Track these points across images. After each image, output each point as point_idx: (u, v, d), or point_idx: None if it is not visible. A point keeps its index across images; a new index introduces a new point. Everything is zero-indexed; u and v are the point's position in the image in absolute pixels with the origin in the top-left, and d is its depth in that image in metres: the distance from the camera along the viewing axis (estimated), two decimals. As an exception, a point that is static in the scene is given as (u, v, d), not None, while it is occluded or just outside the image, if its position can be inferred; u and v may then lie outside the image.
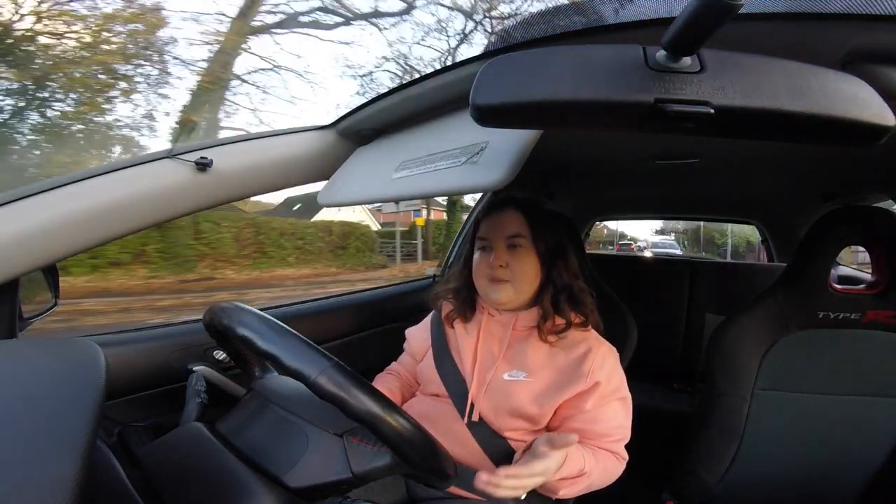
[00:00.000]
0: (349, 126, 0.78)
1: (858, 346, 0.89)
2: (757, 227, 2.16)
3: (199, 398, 0.73)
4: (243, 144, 0.72)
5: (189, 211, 0.68)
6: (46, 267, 0.65)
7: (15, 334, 0.62)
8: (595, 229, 2.94)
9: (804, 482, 0.96)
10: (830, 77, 0.34)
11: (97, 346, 0.45)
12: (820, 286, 0.88)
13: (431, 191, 0.55)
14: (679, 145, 0.95)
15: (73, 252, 0.60)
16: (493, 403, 0.75)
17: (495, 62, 0.35)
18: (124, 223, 0.63)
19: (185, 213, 0.68)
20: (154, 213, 0.65)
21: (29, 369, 0.41)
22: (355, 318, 1.24)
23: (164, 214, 0.66)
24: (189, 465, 0.56)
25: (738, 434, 0.94)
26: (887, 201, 1.31)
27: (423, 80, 0.63)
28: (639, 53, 0.33)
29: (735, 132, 0.35)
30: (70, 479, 0.32)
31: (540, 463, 0.61)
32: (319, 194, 0.79)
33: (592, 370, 0.73)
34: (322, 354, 0.51)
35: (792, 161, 1.06)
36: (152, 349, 0.87)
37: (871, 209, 0.88)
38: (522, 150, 0.46)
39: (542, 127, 0.44)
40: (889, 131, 0.33)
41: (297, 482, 0.53)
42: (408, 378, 0.93)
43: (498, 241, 0.79)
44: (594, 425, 0.72)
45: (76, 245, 0.60)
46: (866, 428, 0.91)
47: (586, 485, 0.68)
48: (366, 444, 0.54)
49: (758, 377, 0.92)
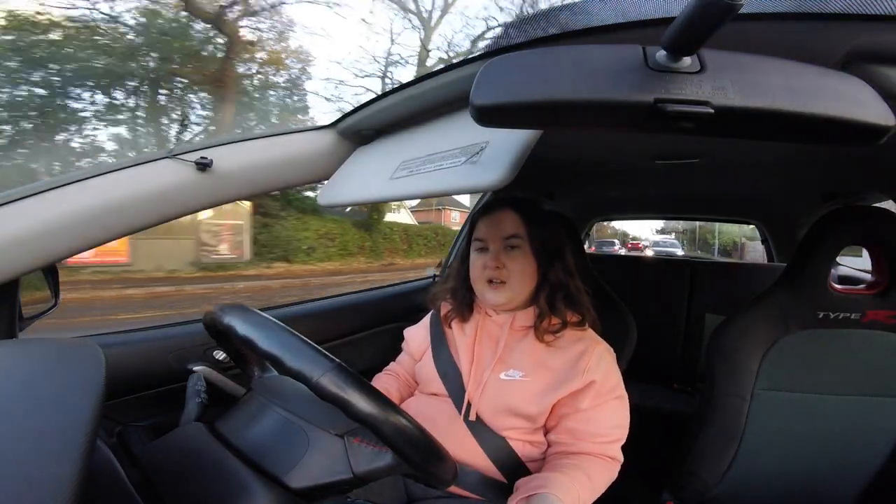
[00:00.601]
0: (349, 126, 0.78)
1: (858, 346, 0.89)
2: (757, 227, 2.16)
3: (199, 398, 0.73)
4: (243, 144, 0.72)
5: (189, 211, 0.68)
6: (46, 267, 0.65)
7: (15, 334, 0.62)
8: (599, 228, 2.95)
9: (804, 482, 0.96)
10: (830, 77, 0.34)
11: (97, 346, 0.45)
12: (820, 286, 0.88)
13: (431, 191, 0.55)
14: (679, 145, 0.95)
15: (73, 252, 0.60)
16: (489, 403, 0.75)
17: (495, 62, 0.35)
18: (124, 223, 0.63)
19: (185, 213, 0.68)
20: (154, 213, 0.65)
21: (29, 369, 0.41)
22: (355, 318, 1.24)
23: (165, 214, 0.66)
24: (189, 465, 0.56)
25: (738, 434, 0.94)
26: (887, 201, 1.31)
27: (423, 80, 0.63)
28: (639, 53, 0.33)
29: (735, 132, 0.35)
30: (70, 479, 0.32)
31: None
32: (319, 194, 0.79)
33: (588, 369, 0.73)
34: (324, 356, 0.51)
35: (792, 161, 1.06)
36: (152, 349, 0.87)
37: (871, 209, 0.87)
38: (522, 150, 0.46)
39: (542, 127, 0.44)
40: (889, 131, 0.33)
41: (298, 482, 0.53)
42: (406, 378, 0.93)
43: (495, 242, 0.79)
44: (590, 424, 0.72)
45: (76, 245, 0.60)
46: (866, 428, 0.91)
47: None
48: (367, 444, 0.54)
49: (758, 377, 0.92)
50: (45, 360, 0.42)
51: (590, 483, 0.68)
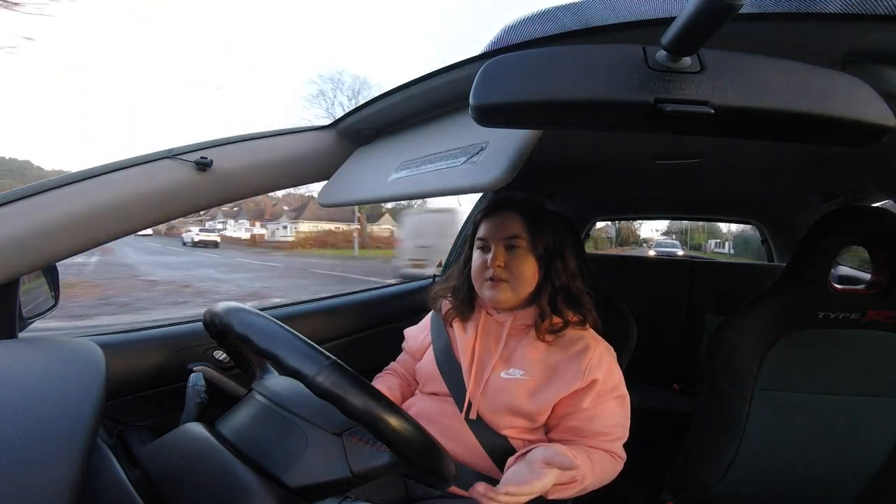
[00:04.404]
0: (349, 126, 0.78)
1: (858, 346, 0.89)
2: (757, 227, 2.16)
3: (199, 398, 0.73)
4: (243, 144, 0.73)
5: (189, 211, 0.68)
6: (46, 267, 0.65)
7: (15, 334, 0.62)
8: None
9: (804, 482, 0.96)
10: (830, 77, 0.34)
11: (97, 346, 0.45)
12: (820, 286, 0.88)
13: (431, 191, 0.55)
14: (679, 145, 0.95)
15: (73, 252, 0.60)
16: (490, 401, 0.75)
17: (495, 62, 0.35)
18: (124, 223, 0.63)
19: (185, 213, 0.68)
20: (154, 213, 0.65)
21: (29, 369, 0.41)
22: (355, 318, 1.24)
23: (165, 214, 0.66)
24: (189, 465, 0.56)
25: (738, 434, 0.94)
26: (887, 201, 1.31)
27: (423, 80, 0.63)
28: (639, 53, 0.33)
29: (735, 132, 0.35)
30: (70, 478, 0.32)
31: (538, 482, 0.61)
32: (319, 194, 0.79)
33: (590, 367, 0.73)
34: (321, 353, 0.51)
35: (792, 161, 1.06)
36: (152, 349, 0.87)
37: (871, 209, 0.87)
38: (522, 150, 0.46)
39: (542, 127, 0.44)
40: (889, 131, 0.33)
41: (296, 481, 0.53)
42: (407, 377, 0.93)
43: (496, 242, 0.79)
44: (592, 423, 0.72)
45: (76, 245, 0.60)
46: (866, 428, 0.91)
47: (579, 489, 0.68)
48: (365, 443, 0.55)
49: (758, 377, 0.92)
50: (46, 360, 0.42)
51: (590, 462, 0.69)
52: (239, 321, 0.55)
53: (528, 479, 0.62)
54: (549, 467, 0.63)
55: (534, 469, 0.63)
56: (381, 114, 0.73)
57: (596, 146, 1.00)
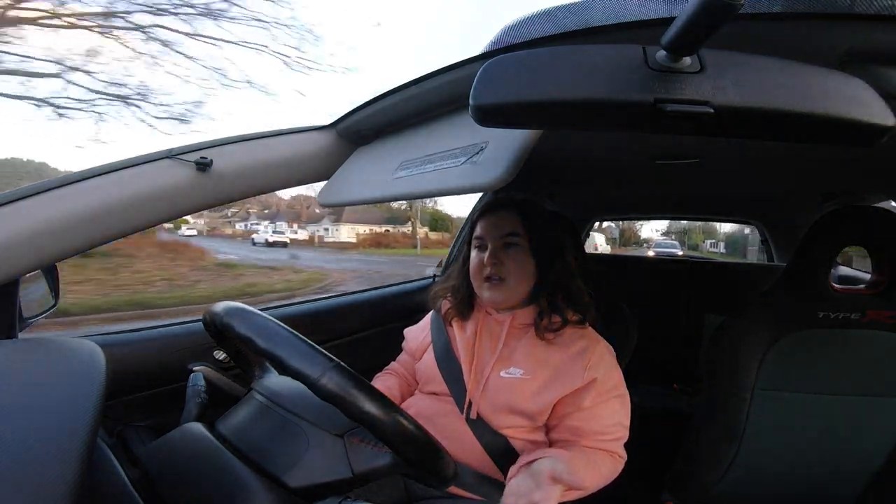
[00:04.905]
0: (349, 126, 0.78)
1: (859, 346, 0.89)
2: (757, 227, 2.16)
3: (199, 398, 0.73)
4: (243, 144, 0.72)
5: (189, 211, 0.68)
6: (46, 267, 0.65)
7: (15, 334, 0.62)
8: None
9: (804, 482, 0.96)
10: (830, 77, 0.34)
11: (97, 346, 0.45)
12: (820, 286, 0.88)
13: (431, 191, 0.55)
14: (679, 145, 0.95)
15: (73, 252, 0.60)
16: (490, 401, 0.75)
17: (495, 62, 0.35)
18: (124, 223, 0.63)
19: (185, 213, 0.68)
20: (154, 213, 0.65)
21: (29, 370, 0.41)
22: (355, 318, 1.24)
23: (164, 214, 0.66)
24: (189, 465, 0.56)
25: (738, 434, 0.94)
26: (887, 201, 1.31)
27: (423, 80, 0.63)
28: (639, 53, 0.33)
29: (735, 132, 0.35)
30: (70, 478, 0.32)
31: (544, 501, 0.59)
32: (319, 194, 0.79)
33: (590, 366, 0.73)
34: (324, 355, 0.51)
35: (792, 161, 1.06)
36: (152, 349, 0.87)
37: (871, 209, 0.87)
38: (522, 150, 0.46)
39: (542, 127, 0.44)
40: (889, 131, 0.33)
41: (297, 482, 0.53)
42: (407, 377, 0.93)
43: (493, 240, 0.79)
44: (592, 423, 0.72)
45: (76, 245, 0.60)
46: (866, 428, 0.91)
47: (580, 494, 0.67)
48: (366, 444, 0.55)
49: (758, 377, 0.91)
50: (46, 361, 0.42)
51: (590, 464, 0.68)
52: (240, 321, 0.55)
53: (534, 497, 0.59)
54: (555, 483, 0.61)
55: (540, 484, 0.61)
56: (381, 114, 0.73)
57: (596, 146, 1.00)
